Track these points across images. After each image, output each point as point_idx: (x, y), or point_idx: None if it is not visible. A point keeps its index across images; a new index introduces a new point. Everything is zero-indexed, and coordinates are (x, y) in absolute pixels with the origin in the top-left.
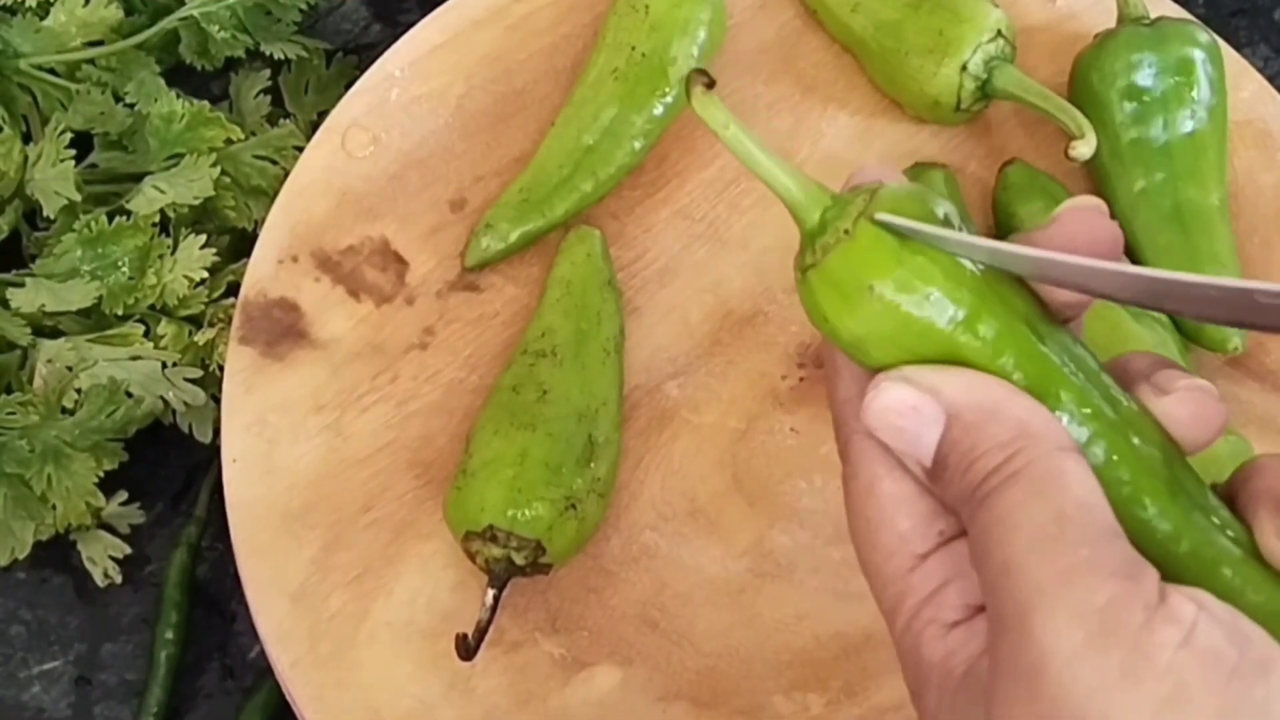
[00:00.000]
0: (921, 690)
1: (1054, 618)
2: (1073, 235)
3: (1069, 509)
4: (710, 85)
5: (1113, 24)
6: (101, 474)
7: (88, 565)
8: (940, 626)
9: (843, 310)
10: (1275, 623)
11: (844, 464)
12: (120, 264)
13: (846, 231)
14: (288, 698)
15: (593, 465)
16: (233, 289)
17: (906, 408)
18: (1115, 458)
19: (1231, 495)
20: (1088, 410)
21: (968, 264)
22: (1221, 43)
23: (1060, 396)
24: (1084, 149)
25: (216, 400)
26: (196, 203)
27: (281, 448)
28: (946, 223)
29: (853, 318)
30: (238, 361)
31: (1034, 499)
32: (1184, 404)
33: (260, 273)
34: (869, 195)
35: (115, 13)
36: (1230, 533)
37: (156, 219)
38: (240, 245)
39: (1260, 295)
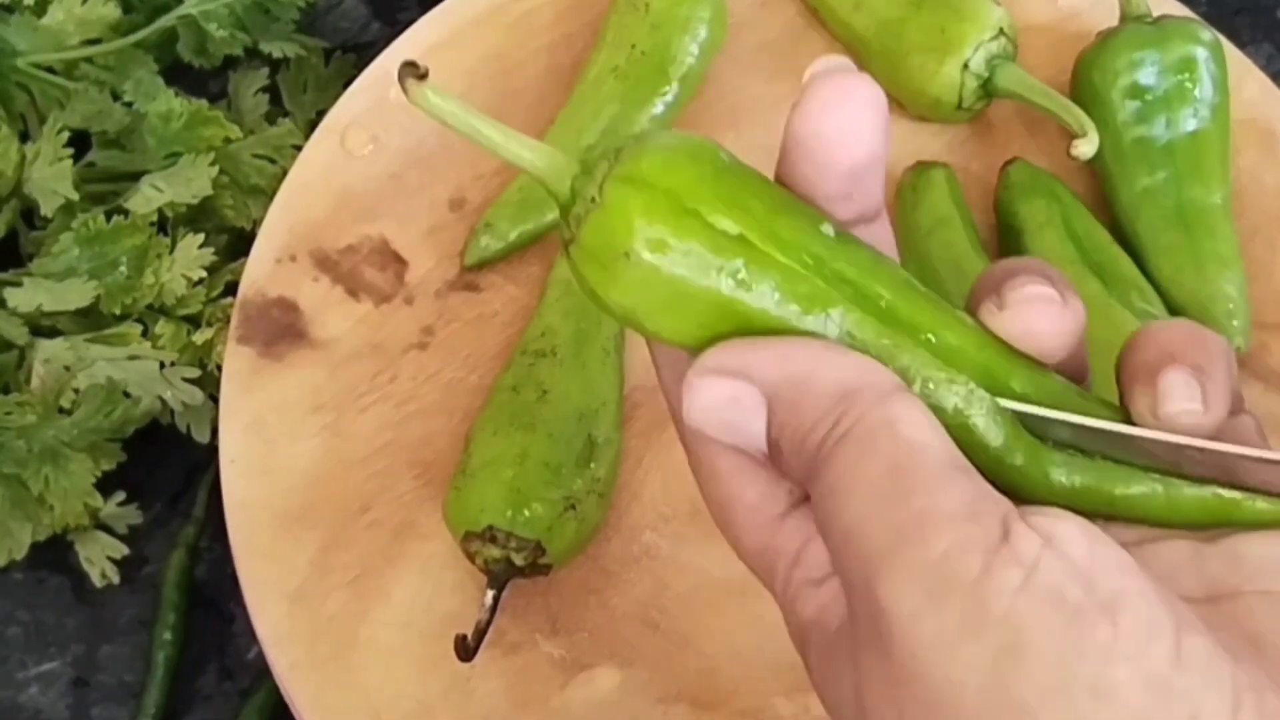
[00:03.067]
0: (805, 651)
1: (893, 580)
2: (829, 103)
3: (900, 457)
4: (422, 77)
5: (1115, 22)
6: (99, 474)
7: (85, 566)
8: (810, 585)
9: (606, 283)
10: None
11: (687, 455)
12: (118, 263)
13: (594, 199)
14: (286, 699)
15: (593, 466)
16: (231, 288)
17: (724, 401)
18: (923, 381)
19: (1118, 381)
20: (883, 338)
21: (736, 205)
22: (1224, 41)
23: (849, 330)
24: (1086, 148)
25: (215, 400)
26: (195, 202)
27: (280, 448)
28: (727, 170)
29: (617, 289)
30: (236, 361)
31: (864, 457)
32: (1015, 319)
33: (258, 272)
34: (614, 155)
35: (113, 11)
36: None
37: (154, 218)
38: (238, 244)
39: None
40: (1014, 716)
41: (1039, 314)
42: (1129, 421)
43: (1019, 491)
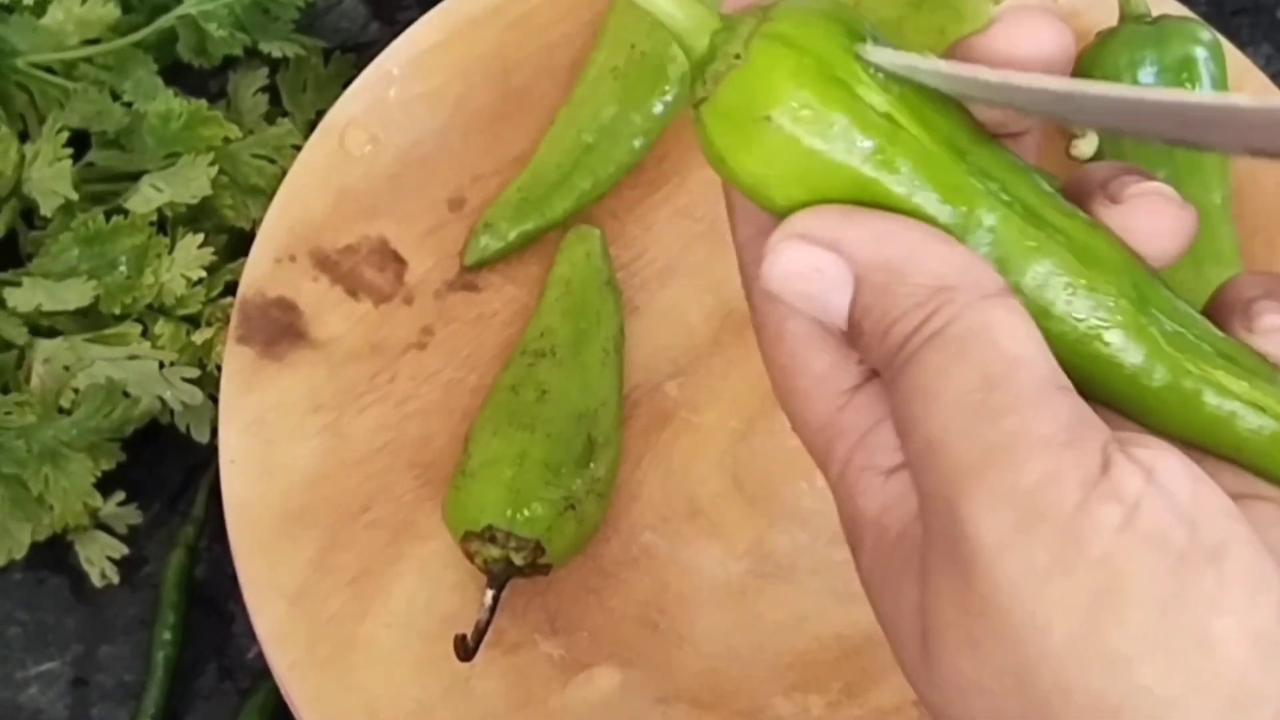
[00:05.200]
0: (857, 546)
1: (979, 504)
2: (1014, 41)
3: (996, 368)
4: None
5: (1114, 22)
6: (99, 474)
7: (85, 566)
8: (876, 474)
9: (739, 148)
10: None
11: (752, 314)
12: (117, 263)
13: (738, 56)
14: (286, 699)
15: (592, 466)
16: (230, 288)
17: (809, 270)
18: (1064, 288)
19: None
20: (1027, 238)
21: (881, 83)
22: (1224, 41)
23: (991, 226)
24: (1085, 147)
25: (214, 400)
26: (194, 202)
27: (279, 448)
28: (874, 39)
29: (750, 155)
30: (235, 361)
31: (955, 361)
32: (1137, 212)
33: (258, 272)
34: (762, 13)
35: (112, 11)
36: (1221, 350)
37: (154, 218)
38: (238, 244)
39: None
40: (1108, 665)
41: (1161, 210)
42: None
43: (1148, 417)
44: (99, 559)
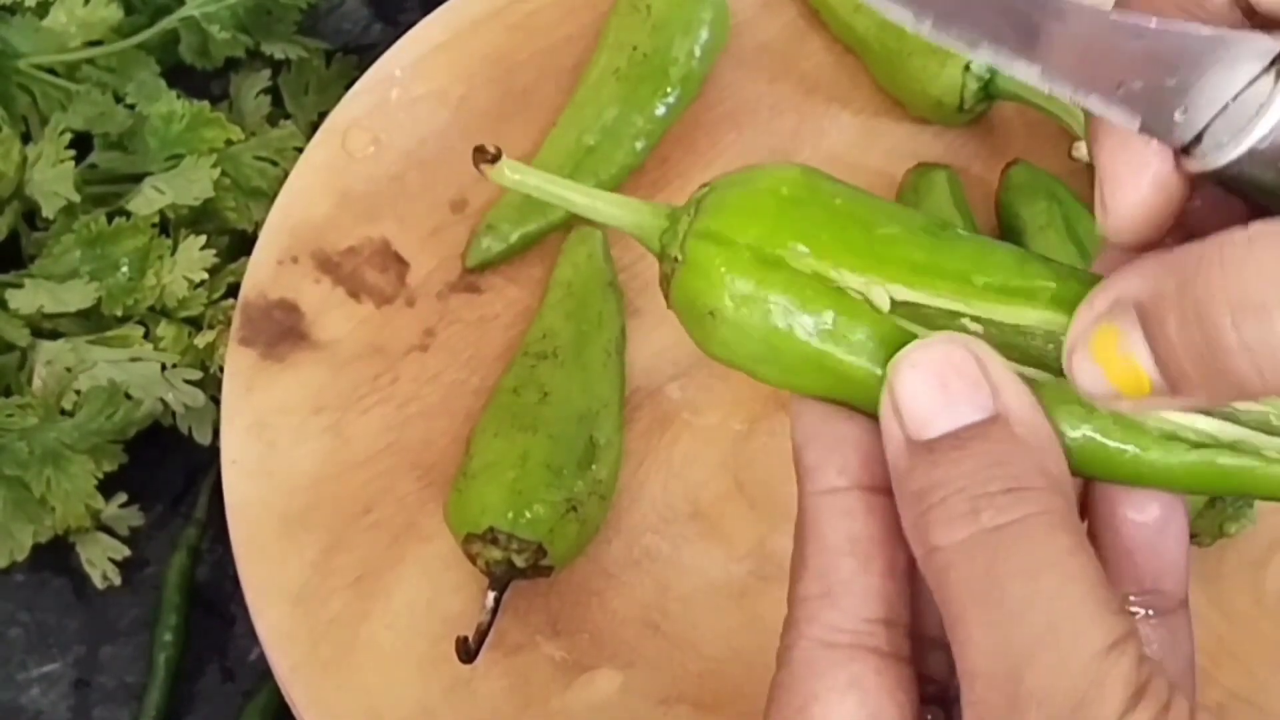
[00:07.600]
0: None
1: (1112, 689)
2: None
3: (1097, 573)
4: (495, 158)
5: None
6: (100, 476)
7: (87, 568)
8: None
9: (703, 339)
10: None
11: (779, 669)
12: (119, 265)
13: (677, 258)
14: (287, 700)
15: (594, 467)
16: (233, 290)
17: (968, 376)
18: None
19: None
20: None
21: (827, 244)
22: None
23: None
24: (1087, 149)
25: (216, 402)
26: (196, 203)
27: (281, 449)
28: (815, 202)
29: (714, 344)
30: (238, 363)
31: (1081, 553)
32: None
33: (260, 274)
34: (695, 206)
35: (115, 12)
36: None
37: (156, 220)
38: (240, 246)
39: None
40: None
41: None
42: None
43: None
44: (101, 560)
